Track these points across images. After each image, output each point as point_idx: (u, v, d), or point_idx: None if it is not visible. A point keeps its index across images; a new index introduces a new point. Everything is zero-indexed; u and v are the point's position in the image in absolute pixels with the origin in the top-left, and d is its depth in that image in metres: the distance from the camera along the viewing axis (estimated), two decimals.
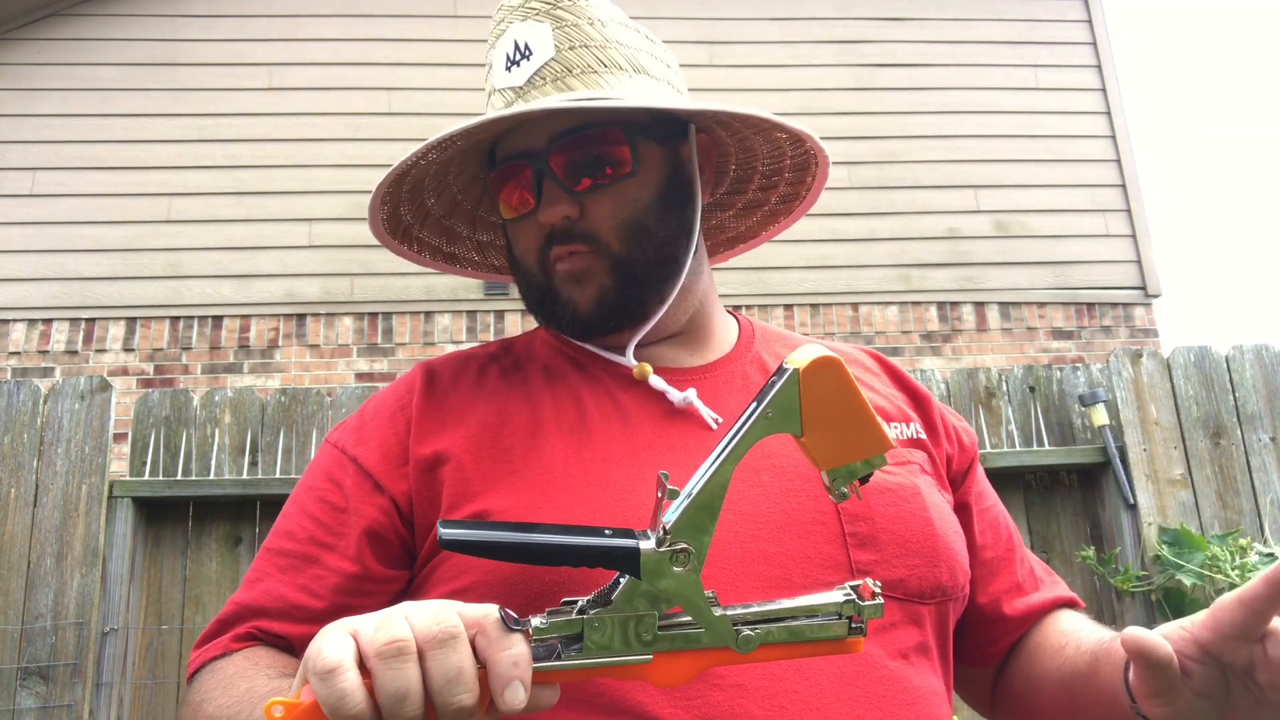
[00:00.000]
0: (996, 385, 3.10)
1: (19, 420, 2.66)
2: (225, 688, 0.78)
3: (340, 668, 0.54)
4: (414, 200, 1.02)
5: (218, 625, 0.86)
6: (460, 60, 4.96)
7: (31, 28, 4.85)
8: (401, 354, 4.63)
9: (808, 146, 1.01)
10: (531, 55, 0.92)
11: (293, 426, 2.84)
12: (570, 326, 0.92)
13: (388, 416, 0.91)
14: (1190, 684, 0.68)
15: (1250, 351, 3.11)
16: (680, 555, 0.60)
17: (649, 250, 0.91)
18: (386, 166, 0.95)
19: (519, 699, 0.55)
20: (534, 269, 0.93)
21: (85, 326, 4.51)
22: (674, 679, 0.61)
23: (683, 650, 0.61)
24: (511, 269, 1.00)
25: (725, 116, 0.95)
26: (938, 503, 0.89)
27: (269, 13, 5.03)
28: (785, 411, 0.62)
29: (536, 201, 0.90)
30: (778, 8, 5.27)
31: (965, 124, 5.19)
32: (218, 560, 2.72)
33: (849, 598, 0.63)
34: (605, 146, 0.90)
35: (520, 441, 0.85)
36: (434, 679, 0.54)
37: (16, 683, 2.46)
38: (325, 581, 0.83)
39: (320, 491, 0.89)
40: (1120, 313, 5.01)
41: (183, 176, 4.75)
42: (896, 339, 4.86)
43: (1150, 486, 2.91)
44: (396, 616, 0.57)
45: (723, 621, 0.61)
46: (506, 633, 0.56)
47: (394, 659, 0.54)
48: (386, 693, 0.54)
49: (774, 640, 0.62)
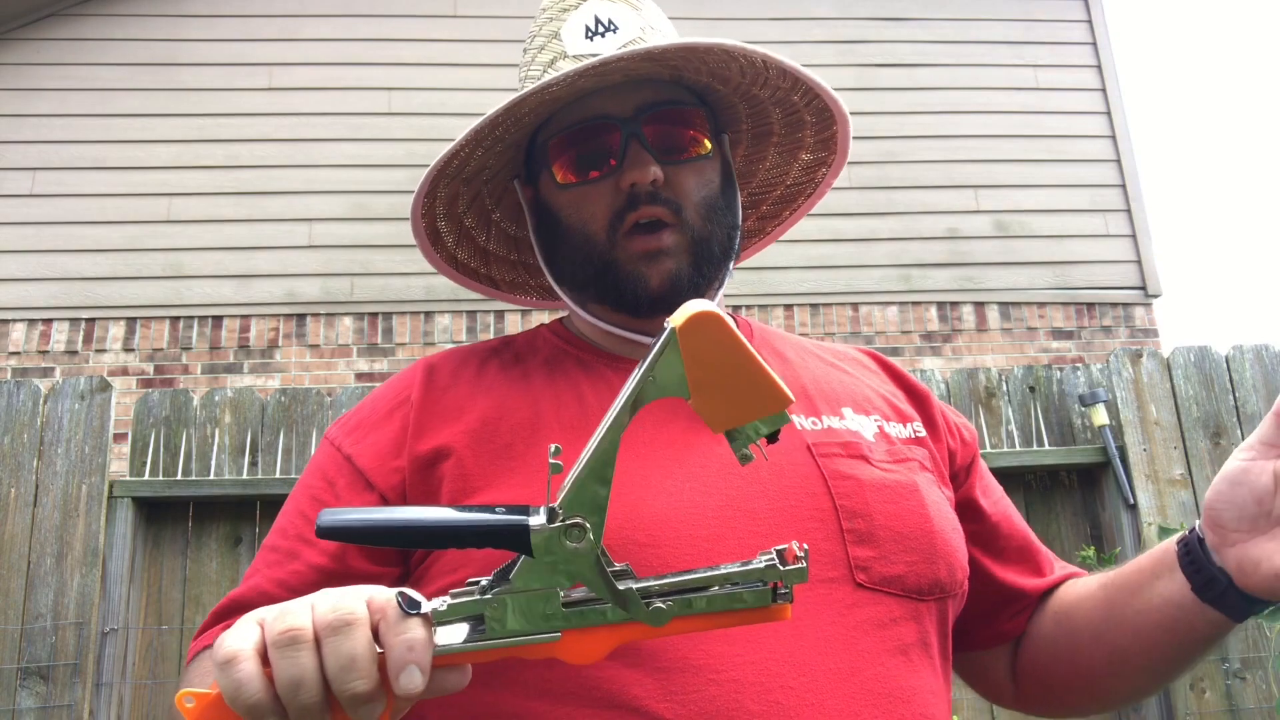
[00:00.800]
0: (996, 385, 3.10)
1: (19, 420, 2.66)
2: (204, 677, 0.79)
3: (238, 657, 0.55)
4: (449, 210, 1.02)
5: (213, 618, 0.88)
6: (460, 60, 4.96)
7: (31, 28, 4.85)
8: (401, 354, 4.62)
9: (821, 160, 1.05)
10: (618, 30, 0.93)
11: (293, 426, 2.84)
12: (631, 302, 0.91)
13: (385, 413, 0.91)
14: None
15: (1250, 351, 3.11)
16: (574, 530, 0.59)
17: (720, 232, 0.93)
18: (387, 166, 0.96)
19: (415, 683, 0.54)
20: (599, 236, 0.91)
21: (85, 326, 4.51)
22: (586, 656, 0.60)
23: (593, 626, 0.60)
24: (554, 246, 0.97)
25: (829, 101, 0.99)
26: (936, 500, 0.89)
27: (269, 13, 5.03)
28: (669, 375, 0.60)
29: (619, 163, 0.90)
30: (778, 8, 5.27)
31: (965, 124, 5.19)
32: (218, 560, 2.72)
33: (770, 563, 0.61)
34: (689, 124, 0.93)
35: (521, 437, 0.85)
36: (329, 666, 0.55)
37: (16, 683, 2.46)
38: (301, 577, 0.84)
39: (313, 489, 0.90)
40: (1120, 313, 5.01)
41: (183, 176, 4.74)
42: (896, 339, 4.86)
43: (1150, 486, 2.91)
44: (299, 605, 0.57)
45: (629, 595, 0.60)
46: (404, 617, 0.56)
47: (288, 647, 0.55)
48: (282, 681, 0.54)
49: (692, 611, 0.60)
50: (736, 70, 0.95)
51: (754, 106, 1.02)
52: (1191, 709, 2.73)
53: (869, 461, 0.87)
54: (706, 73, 0.95)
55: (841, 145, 1.04)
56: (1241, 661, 2.78)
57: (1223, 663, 2.77)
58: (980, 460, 1.03)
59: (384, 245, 4.68)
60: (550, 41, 0.95)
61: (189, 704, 0.56)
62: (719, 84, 0.98)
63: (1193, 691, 2.75)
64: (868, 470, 0.86)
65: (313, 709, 0.55)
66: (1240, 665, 2.77)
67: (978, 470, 1.01)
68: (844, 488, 0.83)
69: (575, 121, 0.92)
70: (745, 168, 1.08)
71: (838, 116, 1.01)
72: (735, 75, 0.96)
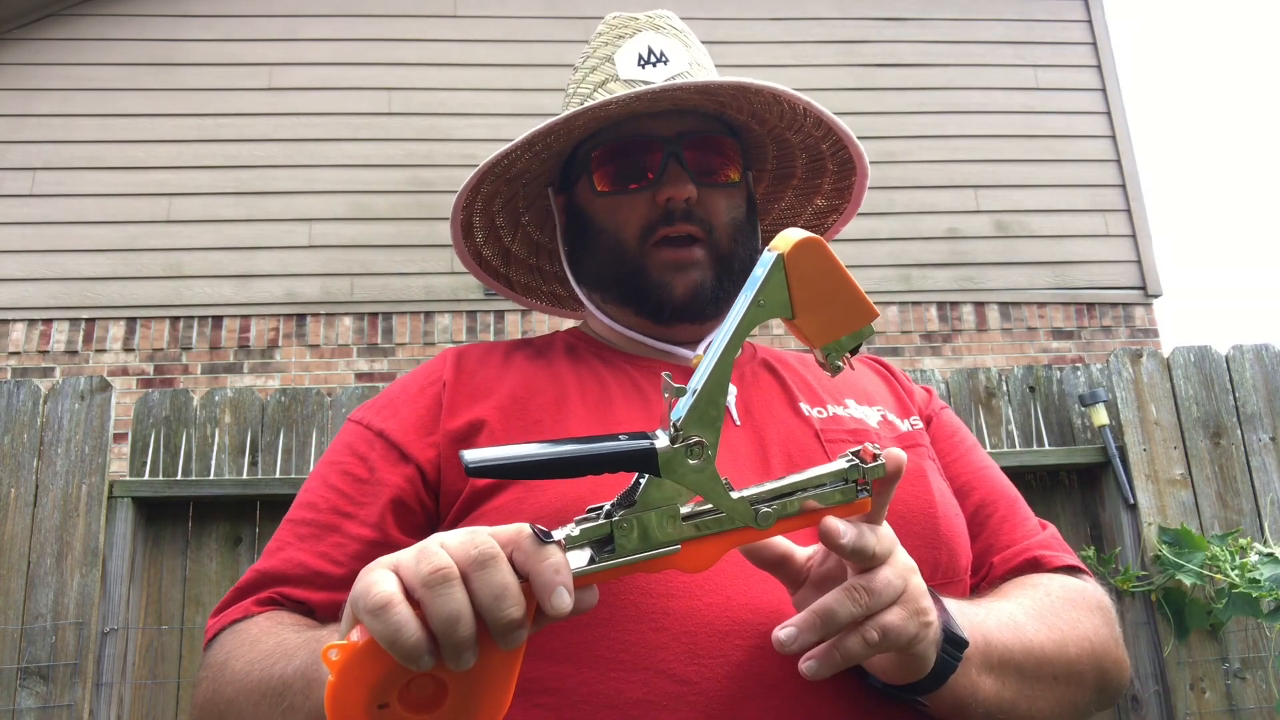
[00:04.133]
0: (996, 385, 3.10)
1: (19, 420, 2.66)
2: (252, 644, 0.79)
3: (391, 602, 0.56)
4: (485, 214, 1.08)
5: (236, 592, 0.88)
6: (460, 60, 4.96)
7: (31, 28, 4.85)
8: (401, 354, 4.62)
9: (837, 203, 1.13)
10: (669, 62, 1.00)
11: (293, 426, 2.84)
12: (654, 307, 0.97)
13: (416, 391, 0.94)
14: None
15: (1250, 351, 3.10)
16: (695, 449, 0.63)
17: (743, 253, 0.99)
18: (386, 166, 0.98)
19: (565, 603, 0.57)
20: (630, 243, 0.97)
21: (85, 326, 4.51)
22: (702, 563, 0.64)
23: (708, 536, 0.64)
24: (582, 247, 1.02)
25: (847, 140, 1.05)
26: (941, 487, 0.91)
27: (269, 13, 5.02)
28: (775, 297, 0.65)
29: (657, 178, 0.96)
30: (778, 8, 5.27)
31: (965, 124, 5.19)
32: (218, 560, 2.72)
33: (852, 463, 0.68)
34: (724, 153, 1.00)
35: (548, 414, 0.89)
36: (481, 598, 0.57)
37: (16, 683, 2.46)
38: (346, 549, 0.85)
39: (343, 465, 0.91)
40: (1120, 313, 5.01)
41: (183, 176, 4.74)
42: (896, 339, 4.86)
43: (1150, 486, 2.91)
44: (433, 546, 0.59)
45: (741, 503, 0.65)
46: (541, 545, 0.58)
47: (440, 585, 0.56)
48: (439, 618, 0.56)
49: (790, 513, 0.66)
50: (776, 114, 1.02)
51: (782, 149, 1.09)
52: (1191, 709, 2.73)
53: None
54: (748, 112, 1.02)
55: (856, 195, 1.11)
56: (1241, 661, 2.78)
57: (1223, 663, 2.77)
58: (942, 416, 1.06)
59: (384, 245, 4.68)
60: (603, 64, 1.02)
61: (334, 657, 0.56)
62: (756, 123, 1.04)
63: (1193, 691, 2.75)
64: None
65: (466, 642, 0.56)
66: (1240, 665, 2.77)
67: (940, 423, 1.05)
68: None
69: (620, 137, 0.98)
70: (762, 206, 1.14)
71: (859, 169, 1.08)
72: (773, 118, 1.03)
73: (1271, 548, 2.69)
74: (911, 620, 0.68)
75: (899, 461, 0.68)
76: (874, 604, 0.66)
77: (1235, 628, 2.78)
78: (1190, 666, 2.76)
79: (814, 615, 0.67)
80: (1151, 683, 2.79)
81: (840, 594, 0.67)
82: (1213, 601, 2.72)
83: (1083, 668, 0.85)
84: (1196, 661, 2.76)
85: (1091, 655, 0.86)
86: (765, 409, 0.93)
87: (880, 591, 0.67)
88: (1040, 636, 0.81)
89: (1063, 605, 0.86)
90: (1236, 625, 2.77)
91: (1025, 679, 0.79)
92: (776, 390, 0.96)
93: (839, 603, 0.66)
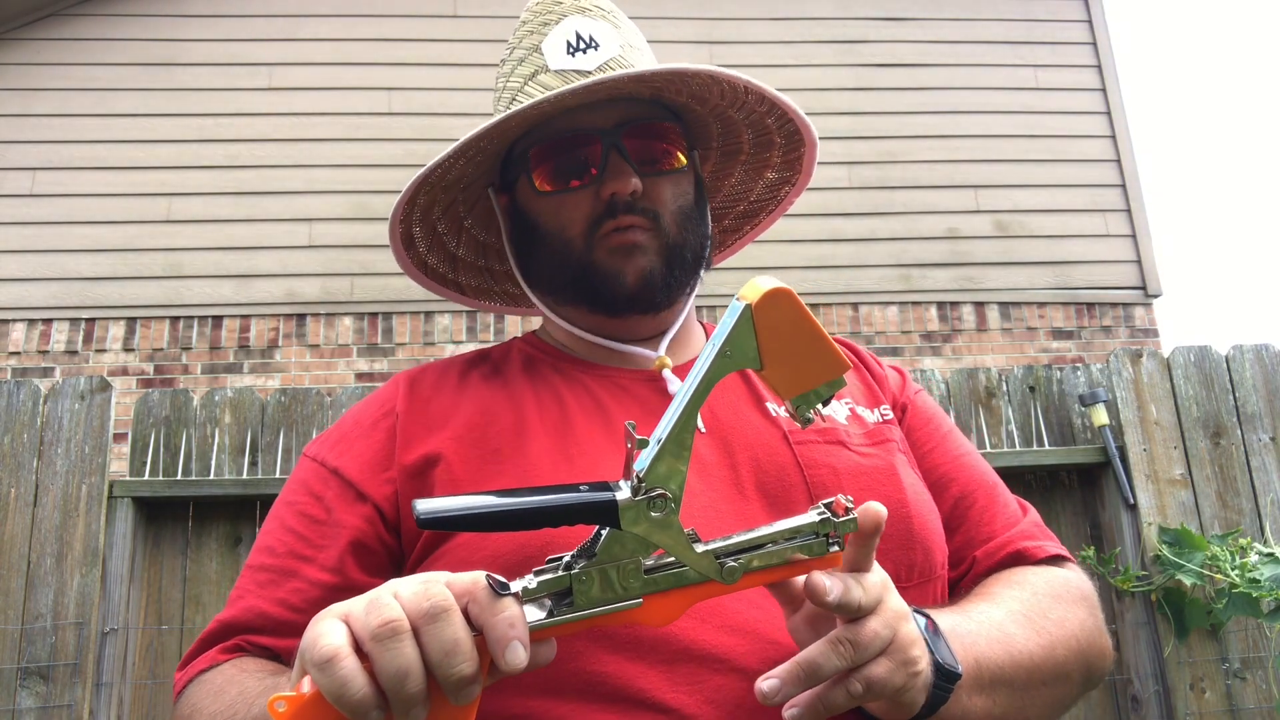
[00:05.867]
0: (996, 385, 3.10)
1: (19, 420, 2.66)
2: (216, 695, 0.78)
3: (338, 655, 0.54)
4: (425, 220, 1.05)
5: (201, 643, 0.86)
6: (461, 60, 4.96)
7: (31, 28, 4.85)
8: (401, 354, 4.62)
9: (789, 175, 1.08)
10: (599, 47, 0.96)
11: (293, 426, 2.84)
12: (608, 300, 0.94)
13: (369, 425, 0.92)
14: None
15: (1250, 351, 3.10)
16: (657, 501, 0.61)
17: (694, 239, 0.96)
18: (386, 166, 0.97)
19: (519, 659, 0.55)
20: (577, 241, 0.94)
21: (85, 326, 4.51)
22: (665, 617, 0.63)
23: (670, 589, 0.62)
24: (530, 251, 0.99)
25: (801, 124, 1.01)
26: (913, 482, 0.90)
27: (269, 13, 5.02)
28: (743, 348, 0.63)
29: (599, 173, 0.93)
30: (778, 8, 5.27)
31: (965, 124, 5.19)
32: (218, 560, 2.72)
33: (824, 516, 0.65)
34: (667, 139, 0.97)
35: (507, 441, 0.87)
36: (432, 653, 0.55)
37: (16, 683, 2.46)
38: (305, 594, 0.83)
39: (299, 505, 0.89)
40: (1120, 313, 5.01)
41: (183, 176, 4.74)
42: (896, 339, 4.85)
43: (1150, 486, 2.91)
44: (385, 596, 0.57)
45: (706, 557, 0.63)
46: (497, 598, 0.56)
47: (390, 639, 0.54)
48: (387, 673, 0.54)
49: (757, 567, 0.64)
50: (716, 93, 0.98)
51: (727, 126, 1.05)
52: (1191, 709, 2.73)
53: (846, 446, 0.89)
54: (687, 94, 0.98)
55: (807, 167, 1.07)
56: (1241, 661, 2.78)
57: (1223, 663, 2.77)
58: (916, 401, 1.04)
59: (384, 245, 4.65)
60: (531, 54, 0.98)
61: (281, 708, 0.55)
62: (697, 104, 1.01)
63: (1193, 691, 2.75)
64: (845, 456, 0.88)
65: (415, 697, 0.55)
66: (1240, 665, 2.77)
67: (914, 409, 1.02)
68: (818, 475, 0.85)
69: (557, 132, 0.94)
70: (711, 183, 1.11)
71: (807, 140, 1.04)
72: (715, 98, 0.99)
73: (1271, 548, 2.69)
74: (898, 671, 0.66)
75: (877, 519, 0.66)
76: (859, 657, 0.65)
77: (1235, 628, 2.78)
78: (1190, 666, 2.76)
79: (798, 667, 0.65)
80: (1151, 683, 2.78)
81: (825, 646, 0.65)
82: (1213, 601, 2.72)
83: (1070, 668, 0.84)
84: (1196, 661, 2.76)
85: (1079, 653, 0.85)
86: (732, 412, 0.91)
87: (867, 645, 0.65)
88: (1030, 645, 0.80)
89: (1050, 603, 0.86)
90: (1236, 625, 2.77)
91: (1016, 691, 0.79)
92: (743, 390, 0.94)
93: (823, 655, 0.65)
